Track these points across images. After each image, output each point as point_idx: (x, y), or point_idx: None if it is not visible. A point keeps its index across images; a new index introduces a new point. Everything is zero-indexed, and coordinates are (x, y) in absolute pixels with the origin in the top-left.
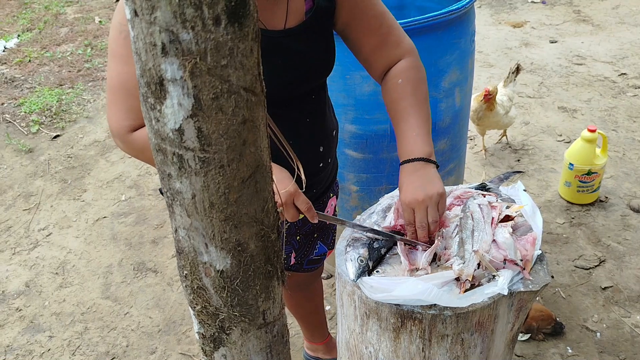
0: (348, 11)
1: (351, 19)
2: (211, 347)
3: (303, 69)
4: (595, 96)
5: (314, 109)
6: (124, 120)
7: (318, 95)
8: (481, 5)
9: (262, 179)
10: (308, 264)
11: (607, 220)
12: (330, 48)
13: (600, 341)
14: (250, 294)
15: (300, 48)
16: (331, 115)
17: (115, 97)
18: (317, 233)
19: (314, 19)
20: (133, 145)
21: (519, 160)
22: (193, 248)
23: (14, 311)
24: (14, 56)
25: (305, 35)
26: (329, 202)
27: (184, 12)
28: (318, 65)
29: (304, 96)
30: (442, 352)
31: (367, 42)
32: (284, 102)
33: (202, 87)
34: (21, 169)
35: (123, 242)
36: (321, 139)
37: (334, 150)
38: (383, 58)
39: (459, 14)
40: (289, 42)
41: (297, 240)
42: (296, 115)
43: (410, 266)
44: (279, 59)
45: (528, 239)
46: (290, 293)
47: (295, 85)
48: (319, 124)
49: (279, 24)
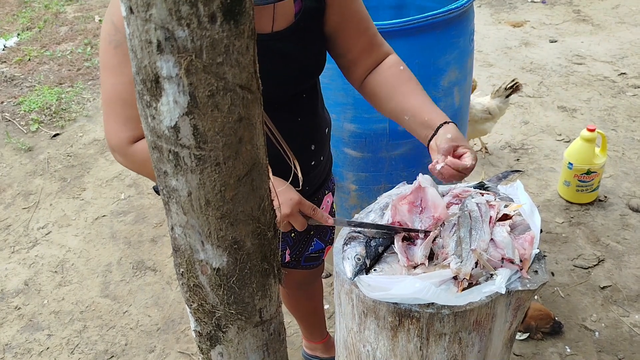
0: (338, 12)
1: (341, 19)
2: (208, 345)
3: (293, 71)
4: (594, 96)
5: (305, 109)
6: (123, 131)
7: (309, 95)
8: (481, 5)
9: (258, 177)
10: (306, 260)
11: (606, 219)
12: (320, 48)
13: (599, 340)
14: (246, 292)
15: (290, 50)
16: (323, 113)
17: (112, 109)
18: (314, 230)
19: (303, 20)
20: (134, 158)
21: (518, 159)
22: (189, 246)
23: (13, 309)
24: (14, 55)
25: (295, 37)
26: (324, 199)
27: (180, 10)
28: (308, 67)
29: (295, 96)
30: (439, 351)
31: (356, 43)
32: (275, 103)
33: (197, 85)
34: (20, 167)
35: (122, 240)
36: (313, 138)
37: (327, 147)
38: (371, 58)
39: (458, 13)
40: (277, 44)
41: (292, 237)
42: (287, 116)
43: (409, 262)
44: (268, 62)
45: (526, 238)
46: (289, 292)
47: (285, 87)
48: (311, 122)
49: (266, 28)
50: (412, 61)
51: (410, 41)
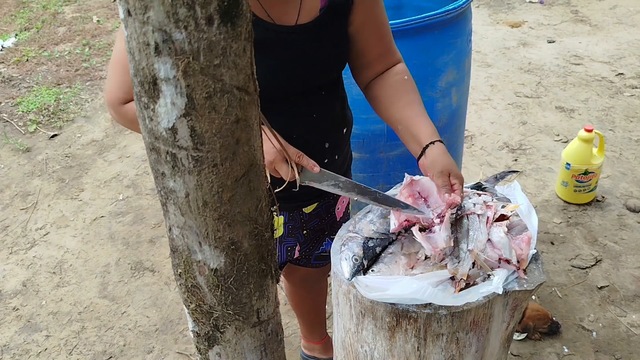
0: (363, 12)
1: (364, 21)
2: (205, 346)
3: (311, 65)
4: (592, 96)
5: (323, 105)
6: (118, 92)
7: (328, 92)
8: (479, 5)
9: (255, 178)
10: (316, 259)
11: (604, 220)
12: (342, 46)
13: (596, 340)
14: (244, 293)
15: (310, 44)
16: (343, 113)
17: (114, 70)
18: (328, 230)
19: (327, 16)
20: (125, 116)
21: (516, 159)
22: (187, 247)
23: (11, 310)
24: (12, 55)
25: (317, 31)
26: (340, 199)
27: (177, 12)
28: (327, 63)
29: (313, 91)
30: (437, 351)
31: (374, 47)
32: (291, 96)
33: (195, 87)
34: (19, 168)
35: (120, 241)
36: (328, 135)
37: (344, 148)
38: (383, 64)
39: (456, 14)
40: (298, 38)
41: (304, 235)
42: (303, 110)
43: (435, 249)
44: (287, 54)
45: (523, 238)
46: (295, 288)
47: (302, 81)
48: (327, 119)
49: (291, 20)
50: (409, 62)
51: (408, 42)
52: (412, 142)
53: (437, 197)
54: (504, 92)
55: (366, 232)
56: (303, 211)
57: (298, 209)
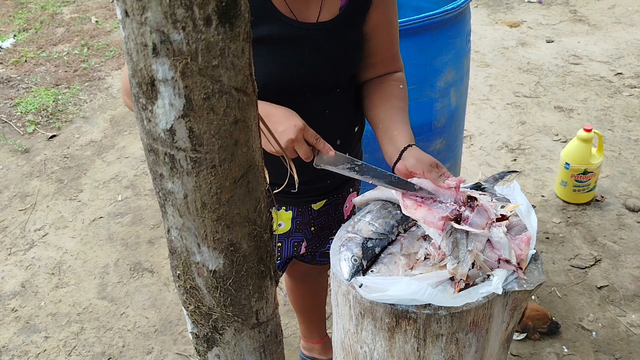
0: (378, 14)
1: (378, 23)
2: (204, 347)
3: (330, 62)
4: (591, 96)
5: (337, 103)
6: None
7: (343, 90)
8: (478, 5)
9: (254, 179)
10: (321, 256)
11: (603, 219)
12: (359, 44)
13: (596, 340)
14: (243, 294)
15: (329, 42)
16: (355, 112)
17: None
18: (335, 228)
19: (347, 14)
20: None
21: (515, 159)
22: (185, 248)
23: (10, 312)
24: (10, 56)
25: (336, 29)
26: (348, 197)
27: (175, 13)
28: (344, 61)
29: (328, 89)
30: (436, 352)
31: (382, 50)
32: (307, 92)
33: (193, 88)
34: (17, 169)
35: (119, 242)
36: (339, 133)
37: (355, 146)
38: (386, 68)
39: (454, 14)
40: (319, 35)
41: (311, 231)
42: (317, 106)
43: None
44: (306, 51)
45: (522, 239)
46: (295, 282)
47: (319, 77)
48: (339, 118)
49: (312, 17)
50: (408, 62)
51: (406, 42)
52: (388, 144)
53: (438, 190)
54: (503, 92)
55: (365, 233)
56: (312, 207)
57: (307, 205)
